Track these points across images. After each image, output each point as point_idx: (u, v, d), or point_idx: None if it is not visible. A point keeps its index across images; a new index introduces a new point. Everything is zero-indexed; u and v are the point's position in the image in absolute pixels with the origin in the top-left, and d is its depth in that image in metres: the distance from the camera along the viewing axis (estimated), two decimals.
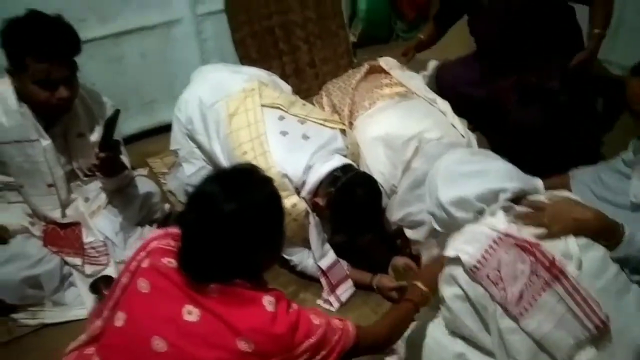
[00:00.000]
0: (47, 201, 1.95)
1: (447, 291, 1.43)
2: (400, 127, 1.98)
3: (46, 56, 1.68)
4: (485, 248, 1.33)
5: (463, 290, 1.36)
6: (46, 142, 1.86)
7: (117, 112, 1.80)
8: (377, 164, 1.96)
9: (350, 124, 2.13)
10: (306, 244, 1.93)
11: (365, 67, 2.32)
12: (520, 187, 1.42)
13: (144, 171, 2.31)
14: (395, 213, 1.95)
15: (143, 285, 1.17)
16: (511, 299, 1.29)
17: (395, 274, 1.97)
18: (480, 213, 1.43)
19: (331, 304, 1.93)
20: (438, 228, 1.53)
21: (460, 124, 2.10)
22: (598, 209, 1.39)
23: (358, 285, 1.98)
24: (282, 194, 1.79)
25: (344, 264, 1.98)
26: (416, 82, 2.30)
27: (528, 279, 1.29)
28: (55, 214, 1.98)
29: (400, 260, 1.98)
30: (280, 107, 1.95)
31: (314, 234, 1.89)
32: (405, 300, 1.40)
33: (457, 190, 1.45)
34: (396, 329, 1.37)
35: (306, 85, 2.85)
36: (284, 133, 1.88)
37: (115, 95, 2.54)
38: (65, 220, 2.00)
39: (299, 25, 2.84)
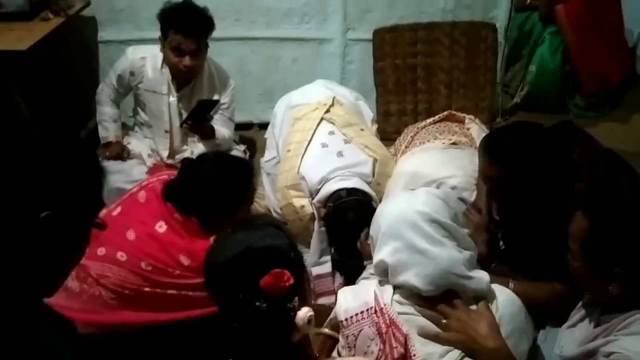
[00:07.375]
0: (161, 143, 2.55)
1: None
2: (430, 169, 1.94)
3: (181, 30, 2.23)
4: (357, 312, 1.27)
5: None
6: (172, 98, 2.44)
7: (215, 102, 2.23)
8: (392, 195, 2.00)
9: None
10: (307, 248, 2.09)
11: (444, 113, 2.33)
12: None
13: (241, 148, 2.74)
14: None
15: (142, 196, 1.66)
16: None
17: None
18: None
19: None
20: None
21: None
22: (506, 346, 1.20)
23: None
24: (296, 194, 2.03)
25: (338, 279, 2.08)
26: None
27: None
28: (164, 154, 2.56)
29: None
30: (335, 123, 2.15)
31: (315, 240, 2.04)
32: None
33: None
34: None
35: None
36: (324, 145, 2.09)
37: (265, 86, 3.07)
38: (169, 162, 2.57)
39: (444, 70, 2.90)
